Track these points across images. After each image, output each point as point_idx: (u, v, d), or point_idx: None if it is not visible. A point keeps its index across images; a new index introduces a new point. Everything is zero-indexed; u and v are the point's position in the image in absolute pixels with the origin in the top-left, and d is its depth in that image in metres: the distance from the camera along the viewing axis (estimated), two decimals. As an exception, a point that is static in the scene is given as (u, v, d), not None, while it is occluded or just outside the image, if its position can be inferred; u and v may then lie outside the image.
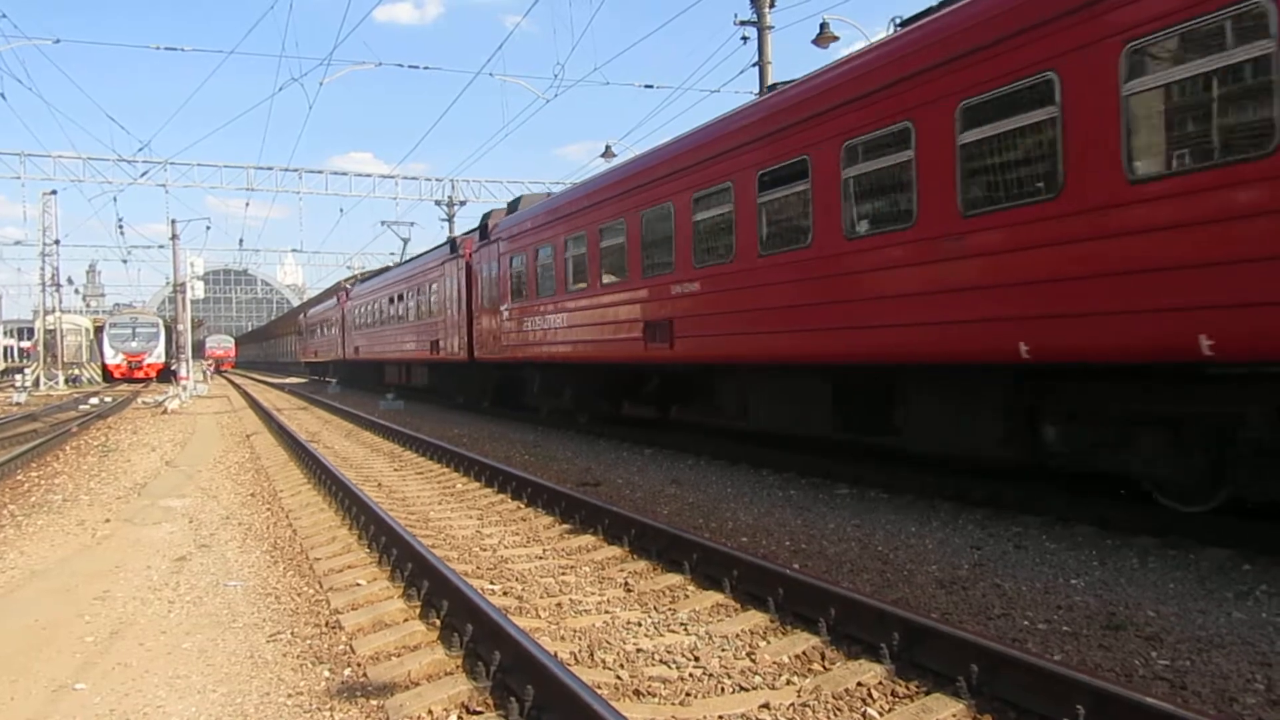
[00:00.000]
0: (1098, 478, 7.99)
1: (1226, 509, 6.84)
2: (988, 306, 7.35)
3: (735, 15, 18.75)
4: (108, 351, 53.47)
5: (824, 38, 18.31)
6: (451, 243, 23.96)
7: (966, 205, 7.54)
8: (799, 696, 4.33)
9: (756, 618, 5.49)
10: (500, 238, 19.01)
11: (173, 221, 35.83)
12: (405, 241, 43.33)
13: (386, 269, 38.30)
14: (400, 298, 29.37)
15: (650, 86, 49.31)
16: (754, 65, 18.55)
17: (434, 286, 25.09)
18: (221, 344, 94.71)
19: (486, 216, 21.29)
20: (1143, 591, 5.84)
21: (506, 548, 7.76)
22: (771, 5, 18.42)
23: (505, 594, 6.26)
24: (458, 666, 4.78)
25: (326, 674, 4.79)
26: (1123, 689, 3.74)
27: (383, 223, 43.88)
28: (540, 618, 5.70)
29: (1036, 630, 5.20)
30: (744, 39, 18.74)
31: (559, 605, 5.95)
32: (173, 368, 39.73)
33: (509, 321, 18.41)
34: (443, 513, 9.51)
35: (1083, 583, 6.10)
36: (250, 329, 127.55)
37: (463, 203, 42.02)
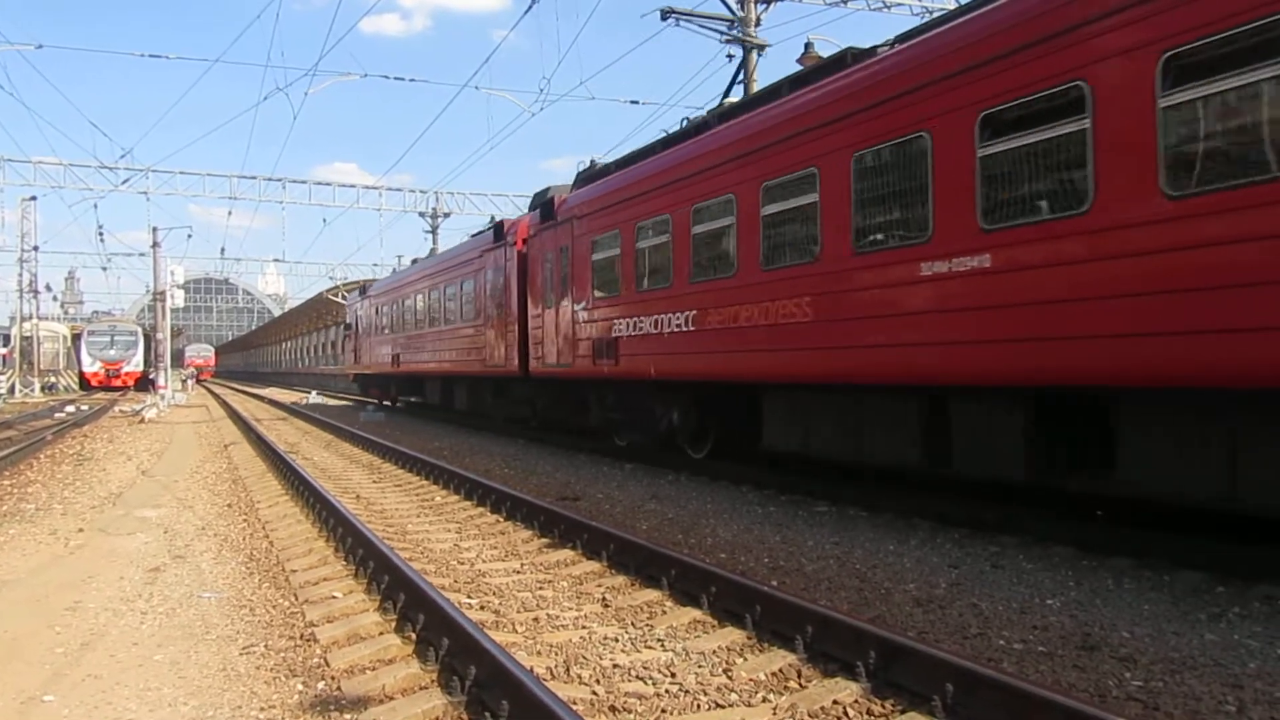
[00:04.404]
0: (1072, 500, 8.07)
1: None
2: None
3: (721, 34, 18.90)
4: (85, 359, 53.06)
5: (808, 58, 18.46)
6: None
7: None
8: (775, 715, 4.33)
9: (734, 634, 5.49)
10: None
11: (154, 229, 35.55)
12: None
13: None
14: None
15: (635, 102, 49.59)
16: (739, 83, 18.69)
17: None
18: (201, 353, 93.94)
19: None
20: (1118, 612, 5.88)
21: (484, 561, 7.73)
22: (757, 24, 18.58)
23: (482, 608, 6.22)
24: (433, 681, 4.75)
25: (300, 687, 4.75)
26: (1096, 709, 3.76)
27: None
28: (517, 632, 5.67)
29: (1012, 650, 5.22)
30: (729, 56, 18.91)
31: (536, 620, 5.93)
32: (151, 376, 39.34)
33: None
34: (421, 525, 9.46)
35: (1058, 603, 6.13)
36: (231, 338, 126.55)
37: (447, 214, 42.03)
